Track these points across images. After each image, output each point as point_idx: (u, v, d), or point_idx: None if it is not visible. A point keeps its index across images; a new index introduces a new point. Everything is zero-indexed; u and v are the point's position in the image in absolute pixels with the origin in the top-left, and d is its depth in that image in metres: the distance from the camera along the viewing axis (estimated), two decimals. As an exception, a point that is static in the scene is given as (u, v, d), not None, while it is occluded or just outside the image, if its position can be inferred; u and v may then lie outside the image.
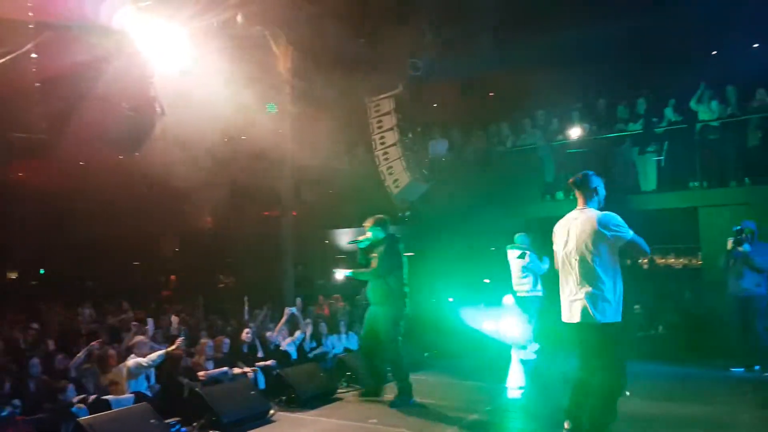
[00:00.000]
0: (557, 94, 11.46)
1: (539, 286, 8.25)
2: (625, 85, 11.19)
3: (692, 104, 9.79)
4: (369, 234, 6.30)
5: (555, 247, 4.49)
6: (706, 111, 9.71)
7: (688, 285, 10.27)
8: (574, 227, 4.29)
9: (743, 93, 9.60)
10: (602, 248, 4.15)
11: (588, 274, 4.17)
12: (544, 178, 10.90)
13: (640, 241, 4.22)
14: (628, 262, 4.53)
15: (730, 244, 7.31)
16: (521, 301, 8.35)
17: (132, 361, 5.99)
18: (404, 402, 6.03)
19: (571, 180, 4.52)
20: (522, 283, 8.28)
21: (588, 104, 11.38)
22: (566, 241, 4.33)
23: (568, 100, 11.46)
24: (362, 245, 6.35)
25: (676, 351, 8.45)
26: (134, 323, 7.80)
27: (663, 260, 12.53)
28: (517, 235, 8.47)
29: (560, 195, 10.70)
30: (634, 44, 10.36)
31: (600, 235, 4.15)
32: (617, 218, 4.23)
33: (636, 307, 10.28)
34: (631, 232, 4.20)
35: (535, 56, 9.98)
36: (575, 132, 10.75)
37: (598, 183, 4.40)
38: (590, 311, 4.13)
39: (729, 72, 10.16)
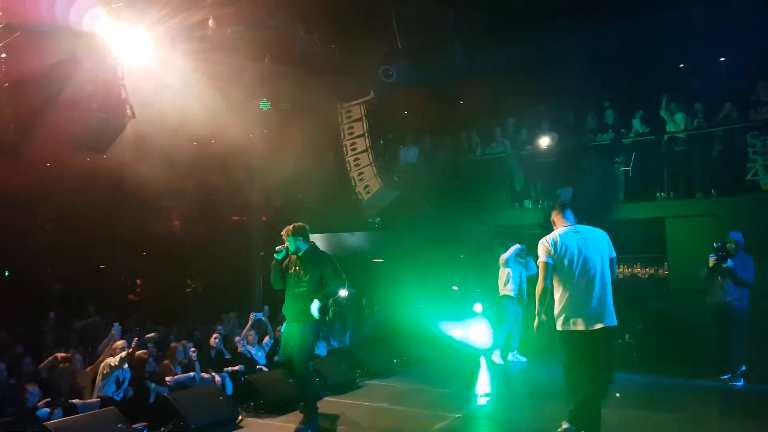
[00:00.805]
0: (527, 103, 11.64)
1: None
2: (593, 95, 11.40)
3: (662, 112, 9.99)
4: (286, 244, 5.82)
5: (555, 260, 4.65)
6: (673, 123, 9.95)
7: (655, 294, 10.47)
8: (585, 240, 4.66)
9: (710, 106, 9.81)
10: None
11: (608, 283, 4.64)
12: (513, 187, 11.05)
13: None
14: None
15: (711, 261, 7.25)
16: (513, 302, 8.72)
17: (104, 363, 5.94)
18: (310, 427, 5.46)
19: (559, 205, 4.98)
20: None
21: (557, 114, 11.58)
22: (580, 254, 4.61)
23: (538, 110, 11.65)
24: (279, 256, 5.80)
25: (643, 360, 8.57)
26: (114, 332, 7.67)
27: (629, 270, 12.79)
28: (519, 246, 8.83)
29: (528, 203, 10.87)
30: (603, 55, 10.57)
31: (610, 248, 4.72)
32: None
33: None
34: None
35: (504, 65, 10.09)
36: (544, 141, 10.93)
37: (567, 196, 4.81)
38: (613, 316, 4.58)
39: (696, 85, 10.40)
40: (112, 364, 5.90)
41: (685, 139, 9.87)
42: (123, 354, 5.96)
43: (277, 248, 5.87)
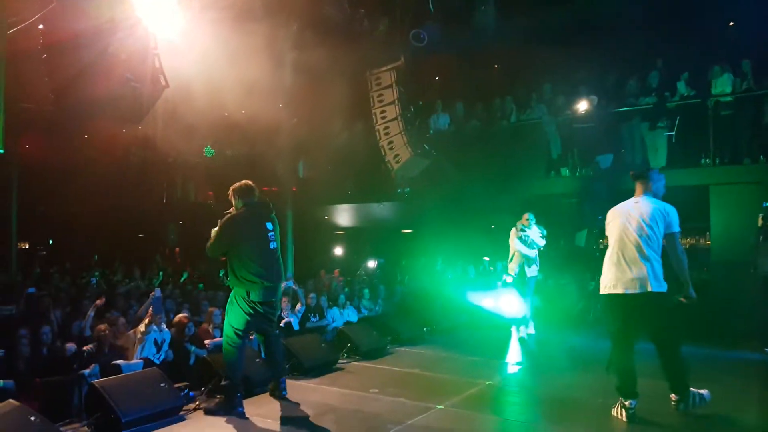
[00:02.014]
0: (564, 67, 11.27)
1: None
2: (636, 58, 10.95)
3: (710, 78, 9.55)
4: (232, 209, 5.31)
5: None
6: (720, 85, 9.52)
7: (696, 265, 10.21)
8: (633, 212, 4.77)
9: (760, 67, 9.36)
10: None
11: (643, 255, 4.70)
12: (549, 154, 10.78)
13: None
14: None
15: (760, 220, 7.14)
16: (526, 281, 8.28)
17: (142, 325, 6.15)
18: (226, 409, 4.96)
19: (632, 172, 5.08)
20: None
21: (597, 78, 11.20)
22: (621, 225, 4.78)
23: (576, 74, 11.27)
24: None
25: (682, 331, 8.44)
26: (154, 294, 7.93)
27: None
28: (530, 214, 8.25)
29: (565, 171, 10.61)
30: (646, 15, 10.11)
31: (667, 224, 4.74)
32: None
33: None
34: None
35: (540, 28, 9.76)
36: (582, 106, 10.59)
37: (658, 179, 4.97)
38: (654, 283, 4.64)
39: (745, 45, 9.89)
40: (142, 330, 6.12)
41: (733, 102, 9.44)
42: (147, 320, 6.19)
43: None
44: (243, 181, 5.37)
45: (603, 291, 4.81)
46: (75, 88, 7.73)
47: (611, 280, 4.74)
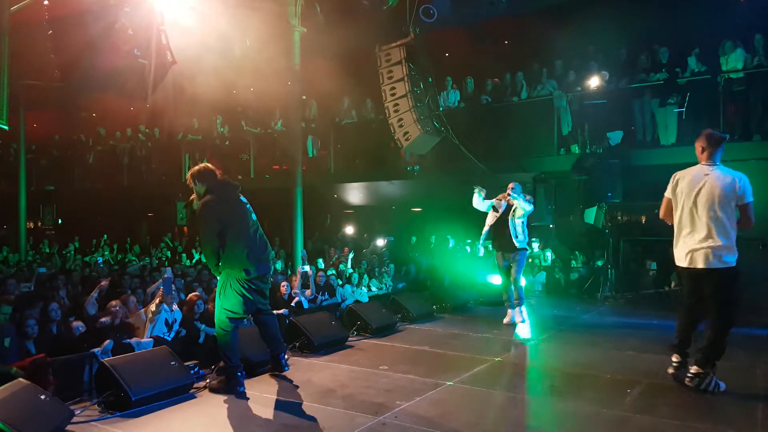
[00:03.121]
0: (575, 42, 11.10)
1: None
2: (646, 33, 10.77)
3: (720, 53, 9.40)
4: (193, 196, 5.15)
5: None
6: (732, 61, 9.36)
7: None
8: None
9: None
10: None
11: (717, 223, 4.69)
12: (560, 131, 10.68)
13: None
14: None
15: None
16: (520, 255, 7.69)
17: (153, 305, 6.17)
18: (227, 389, 4.99)
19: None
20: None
21: (607, 54, 11.03)
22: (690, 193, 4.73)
23: (587, 50, 11.10)
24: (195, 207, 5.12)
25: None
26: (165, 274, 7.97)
27: (679, 216, 12.38)
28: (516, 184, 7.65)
29: (575, 148, 10.52)
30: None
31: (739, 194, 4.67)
32: None
33: (650, 264, 10.30)
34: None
35: (551, 2, 9.58)
36: (593, 82, 10.45)
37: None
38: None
39: (757, 19, 9.74)
40: (153, 309, 6.15)
41: (745, 78, 9.29)
42: (158, 300, 6.21)
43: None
44: (201, 164, 5.22)
45: (679, 263, 4.80)
46: (81, 64, 7.68)
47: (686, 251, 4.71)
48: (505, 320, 7.73)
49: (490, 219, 7.76)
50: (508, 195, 7.51)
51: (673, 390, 4.83)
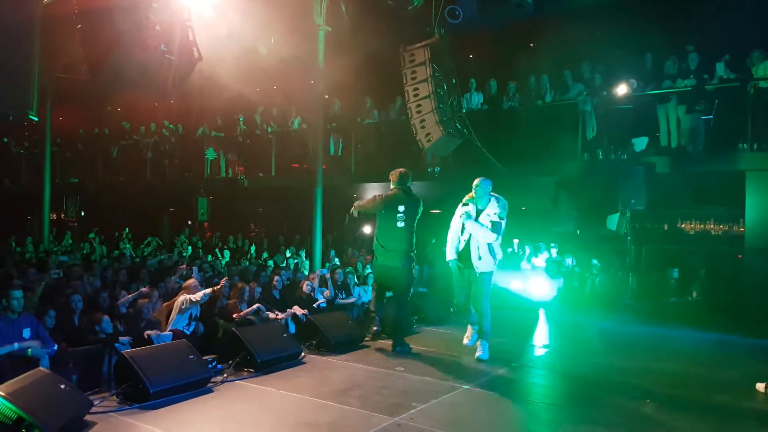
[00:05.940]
0: (601, 46, 10.95)
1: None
2: (674, 38, 10.59)
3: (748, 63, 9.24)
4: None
5: None
6: (763, 70, 9.17)
7: (728, 252, 9.99)
8: None
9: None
10: None
11: None
12: (584, 135, 10.53)
13: None
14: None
15: None
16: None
17: (182, 297, 6.23)
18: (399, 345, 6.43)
19: None
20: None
21: (634, 58, 10.87)
22: None
23: (613, 54, 10.95)
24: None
25: (712, 318, 8.30)
26: (182, 267, 8.10)
27: (701, 226, 12.18)
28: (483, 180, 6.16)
29: (600, 153, 10.37)
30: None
31: None
32: None
33: (673, 271, 10.14)
34: None
35: (577, 5, 9.45)
36: (620, 88, 10.30)
37: None
38: None
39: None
40: (194, 299, 6.19)
41: (774, 87, 9.09)
42: (208, 290, 6.28)
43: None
44: (400, 169, 6.83)
45: None
46: (109, 59, 7.75)
47: None
48: (465, 339, 6.31)
49: (453, 224, 6.31)
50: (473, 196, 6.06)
51: (693, 402, 4.74)
